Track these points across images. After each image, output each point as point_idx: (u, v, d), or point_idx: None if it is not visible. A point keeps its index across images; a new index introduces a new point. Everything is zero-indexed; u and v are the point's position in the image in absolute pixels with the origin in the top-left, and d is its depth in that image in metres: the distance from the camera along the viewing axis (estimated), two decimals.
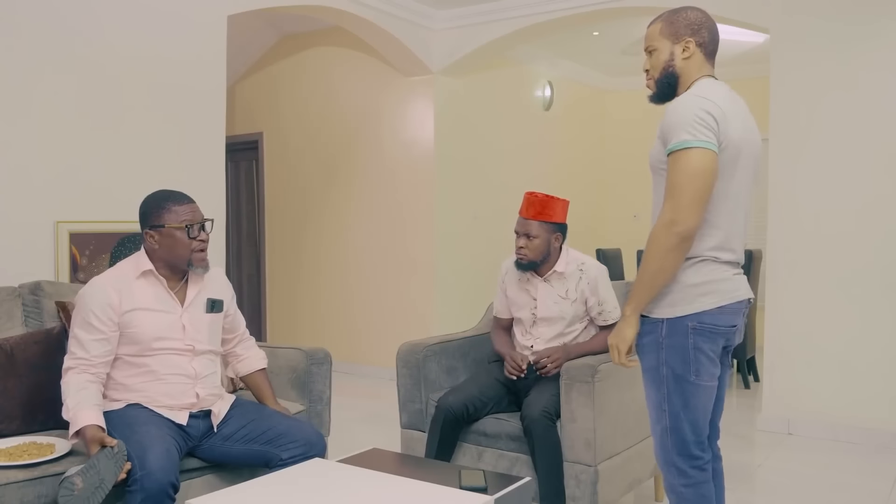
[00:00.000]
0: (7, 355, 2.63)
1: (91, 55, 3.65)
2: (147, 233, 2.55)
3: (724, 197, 2.12)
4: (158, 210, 2.55)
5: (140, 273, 2.55)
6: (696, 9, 2.25)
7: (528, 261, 3.10)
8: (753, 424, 4.75)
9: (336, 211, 6.48)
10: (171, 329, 2.56)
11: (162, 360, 2.53)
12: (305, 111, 6.63)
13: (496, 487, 2.22)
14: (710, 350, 2.14)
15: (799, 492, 3.61)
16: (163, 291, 2.58)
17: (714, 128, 2.05)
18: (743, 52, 6.91)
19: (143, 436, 2.32)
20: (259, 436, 2.55)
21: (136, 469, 2.22)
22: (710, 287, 2.12)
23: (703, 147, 2.03)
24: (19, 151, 3.40)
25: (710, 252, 2.13)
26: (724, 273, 2.16)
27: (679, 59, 2.22)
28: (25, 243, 3.42)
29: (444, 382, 3.32)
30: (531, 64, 7.10)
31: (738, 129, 2.13)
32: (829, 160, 4.45)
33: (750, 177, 2.21)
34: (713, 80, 2.22)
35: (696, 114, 2.05)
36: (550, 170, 7.28)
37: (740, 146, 2.13)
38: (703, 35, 2.22)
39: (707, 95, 2.11)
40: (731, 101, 2.18)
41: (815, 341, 4.51)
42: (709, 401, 2.19)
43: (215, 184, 4.22)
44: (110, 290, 2.49)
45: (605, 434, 2.84)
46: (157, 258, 2.57)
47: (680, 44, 2.21)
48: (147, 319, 2.52)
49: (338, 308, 6.50)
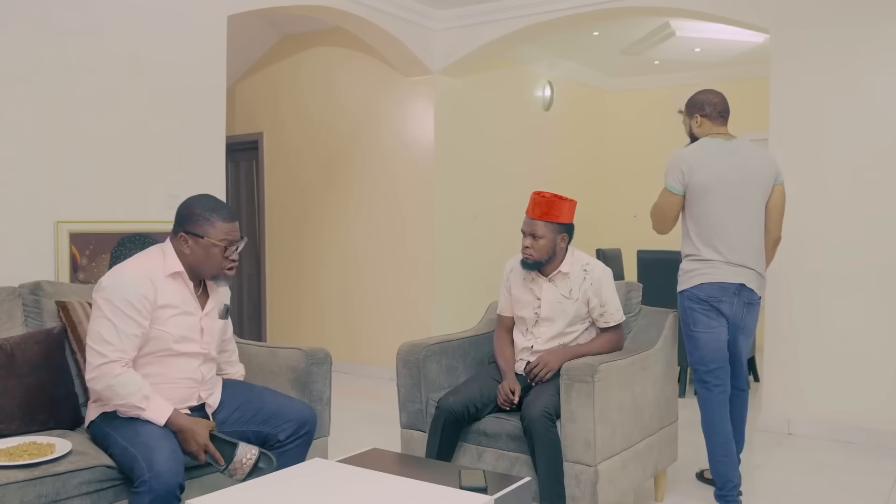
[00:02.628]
0: (7, 355, 2.63)
1: (91, 54, 3.65)
2: (182, 236, 2.52)
3: (697, 217, 3.27)
4: (203, 220, 2.51)
5: (170, 273, 2.51)
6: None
7: (534, 260, 3.11)
8: (753, 424, 4.74)
9: (336, 211, 6.48)
10: (193, 332, 2.56)
11: (177, 362, 2.52)
12: (305, 111, 6.62)
13: (496, 487, 2.23)
14: (700, 309, 3.27)
15: (799, 492, 3.61)
16: (188, 294, 2.56)
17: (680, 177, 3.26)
18: (743, 52, 6.91)
19: (149, 437, 2.32)
20: (253, 416, 2.61)
21: (144, 470, 2.21)
22: (693, 273, 3.30)
23: (667, 187, 3.30)
24: (19, 151, 3.40)
25: (692, 251, 3.32)
26: (705, 265, 3.26)
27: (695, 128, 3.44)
28: (26, 243, 3.41)
29: (444, 382, 3.32)
30: (531, 64, 7.10)
31: (708, 174, 3.22)
32: (829, 161, 4.45)
33: (730, 202, 3.22)
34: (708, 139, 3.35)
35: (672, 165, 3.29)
36: (550, 169, 7.28)
37: (709, 185, 3.20)
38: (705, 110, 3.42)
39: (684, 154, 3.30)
40: (710, 154, 3.26)
41: (815, 341, 4.51)
42: (711, 343, 3.27)
43: (215, 183, 4.22)
44: (147, 282, 2.44)
45: (604, 434, 2.84)
46: (184, 262, 2.54)
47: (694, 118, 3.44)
48: (175, 319, 2.50)
49: (338, 308, 6.50)
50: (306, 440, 2.66)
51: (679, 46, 6.83)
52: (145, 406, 2.38)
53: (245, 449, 2.39)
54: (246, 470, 2.38)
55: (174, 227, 2.56)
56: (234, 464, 2.38)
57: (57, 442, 2.44)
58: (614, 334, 3.19)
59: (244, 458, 2.38)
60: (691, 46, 6.84)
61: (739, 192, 3.23)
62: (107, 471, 2.38)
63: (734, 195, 3.22)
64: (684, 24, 6.14)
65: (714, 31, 6.18)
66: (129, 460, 2.30)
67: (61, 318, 2.92)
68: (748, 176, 3.25)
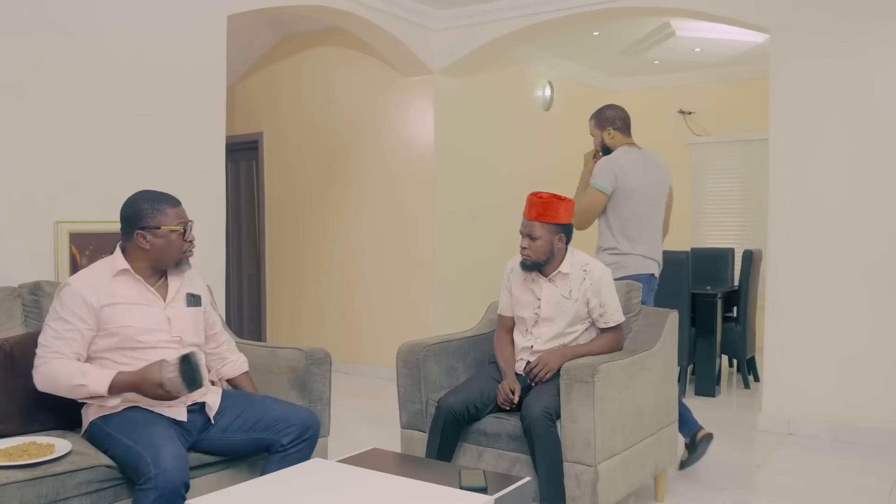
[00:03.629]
0: (7, 355, 2.63)
1: (90, 55, 3.65)
2: (138, 233, 2.57)
3: (622, 216, 3.70)
4: (154, 212, 2.58)
5: (116, 272, 2.57)
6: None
7: (532, 261, 3.11)
8: (754, 424, 4.75)
9: (336, 211, 6.48)
10: (156, 322, 2.58)
11: (151, 354, 2.52)
12: (305, 111, 6.62)
13: (496, 487, 2.23)
14: None
15: (799, 492, 3.61)
16: (143, 288, 2.61)
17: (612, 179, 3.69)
18: (742, 52, 6.91)
19: (154, 435, 2.34)
20: (255, 423, 2.62)
21: (151, 468, 2.23)
22: (615, 266, 3.63)
23: (597, 188, 3.72)
24: (19, 152, 3.40)
25: (612, 245, 3.73)
26: (625, 258, 3.70)
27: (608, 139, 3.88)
28: (25, 243, 3.41)
29: (444, 382, 3.32)
30: (531, 64, 7.10)
31: (635, 178, 3.69)
32: (830, 160, 4.45)
33: (647, 203, 3.75)
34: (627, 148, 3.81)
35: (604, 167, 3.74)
36: (551, 169, 7.28)
37: (635, 188, 3.69)
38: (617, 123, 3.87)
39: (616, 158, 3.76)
40: (633, 161, 3.73)
41: (815, 341, 4.50)
42: None
43: (215, 184, 4.22)
44: (86, 286, 2.51)
45: (605, 434, 2.84)
46: (141, 258, 2.59)
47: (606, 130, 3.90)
48: (129, 312, 2.54)
49: (338, 308, 6.50)
50: (310, 444, 2.66)
51: (679, 46, 6.83)
52: (85, 381, 2.41)
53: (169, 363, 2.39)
54: (179, 378, 2.37)
55: (124, 230, 2.61)
56: (196, 374, 2.40)
57: (56, 442, 2.44)
58: (614, 335, 3.19)
59: (202, 364, 2.43)
60: (691, 46, 6.84)
61: (653, 194, 3.79)
62: (106, 471, 2.38)
63: (650, 197, 3.76)
64: (684, 23, 6.14)
65: (714, 30, 6.18)
66: (133, 458, 2.30)
67: None
68: (658, 182, 3.83)
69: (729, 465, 3.98)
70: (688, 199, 7.99)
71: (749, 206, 7.67)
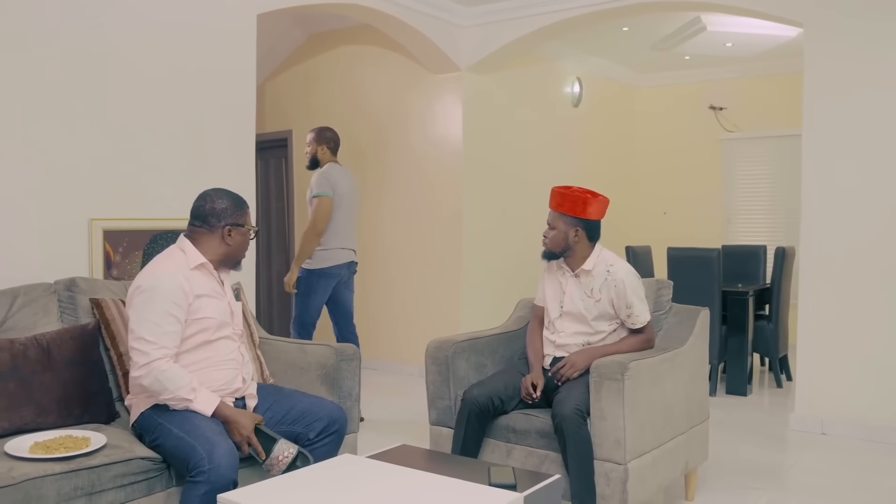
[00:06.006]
0: (43, 350, 2.68)
1: (123, 55, 3.70)
2: (227, 229, 2.66)
3: (335, 218, 4.72)
4: (241, 210, 2.71)
5: (196, 265, 2.62)
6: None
7: (547, 250, 3.17)
8: (786, 424, 4.69)
9: (365, 207, 6.50)
10: (226, 315, 2.68)
11: (221, 346, 2.63)
12: (335, 109, 6.65)
13: (526, 484, 2.22)
14: (323, 283, 4.74)
15: (831, 492, 3.56)
16: (215, 282, 2.68)
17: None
18: (775, 46, 6.82)
19: (207, 430, 2.40)
20: (284, 416, 2.68)
21: (205, 462, 2.29)
22: (324, 257, 4.72)
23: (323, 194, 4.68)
24: (54, 151, 3.45)
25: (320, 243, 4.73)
26: (333, 252, 4.73)
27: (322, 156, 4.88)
28: (61, 240, 3.47)
29: (473, 379, 3.31)
30: (560, 60, 7.06)
31: (343, 188, 4.74)
32: (864, 156, 4.37)
33: (349, 208, 4.81)
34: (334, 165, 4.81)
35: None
36: (579, 166, 7.25)
37: (343, 196, 4.74)
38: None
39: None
40: (340, 175, 4.78)
41: (849, 340, 4.43)
42: (320, 305, 4.79)
43: (245, 181, 4.26)
44: (181, 277, 2.55)
45: (634, 432, 2.82)
46: (215, 252, 2.67)
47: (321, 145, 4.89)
48: (212, 305, 2.62)
49: (367, 304, 6.52)
50: (336, 438, 2.70)
51: (710, 41, 6.75)
52: (193, 398, 2.47)
53: (285, 445, 2.46)
54: (283, 466, 2.44)
55: (207, 223, 2.65)
56: (272, 459, 2.44)
57: (92, 435, 2.48)
58: (644, 335, 3.17)
59: (282, 455, 2.44)
60: (722, 41, 6.76)
61: (352, 201, 4.84)
62: (140, 463, 2.42)
63: (350, 203, 4.82)
64: (715, 18, 6.07)
65: (746, 25, 6.10)
66: (185, 450, 2.36)
67: (95, 314, 2.97)
68: (354, 193, 4.88)
69: (760, 465, 3.94)
70: (719, 195, 7.91)
71: (781, 203, 7.57)
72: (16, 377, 2.58)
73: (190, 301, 2.55)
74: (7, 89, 3.30)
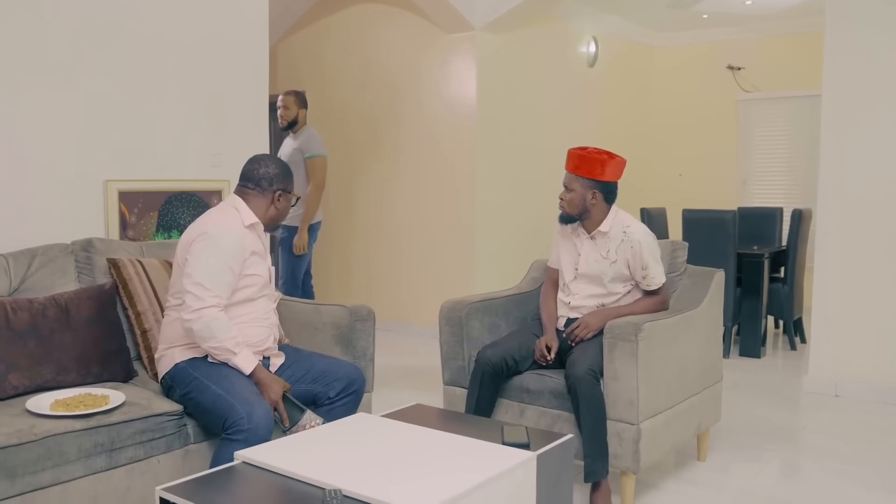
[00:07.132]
0: (62, 310, 2.71)
1: (136, 18, 3.67)
2: (279, 193, 2.75)
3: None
4: (289, 178, 2.81)
5: (249, 224, 2.69)
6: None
7: (565, 213, 3.14)
8: (800, 386, 4.69)
9: (379, 169, 6.49)
10: (269, 274, 2.76)
11: (261, 304, 2.71)
12: (348, 69, 6.61)
13: (539, 444, 2.24)
14: (315, 236, 5.13)
15: (845, 453, 3.57)
16: (261, 243, 2.75)
17: None
18: (795, 4, 6.68)
19: (246, 391, 2.44)
20: (303, 376, 2.73)
21: (244, 422, 2.34)
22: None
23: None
24: (70, 115, 3.45)
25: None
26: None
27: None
28: (77, 202, 3.49)
29: (487, 340, 3.33)
30: (575, 19, 6.96)
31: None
32: (885, 119, 4.30)
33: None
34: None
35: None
36: (594, 127, 7.18)
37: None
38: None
39: None
40: None
41: (864, 303, 4.41)
42: None
43: (259, 142, 4.25)
44: (242, 231, 2.64)
45: (647, 393, 2.83)
46: (263, 214, 2.74)
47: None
48: (261, 264, 2.71)
49: (381, 266, 6.55)
50: (355, 398, 2.74)
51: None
52: (238, 352, 2.52)
53: (311, 416, 2.51)
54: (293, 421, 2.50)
55: (262, 185, 2.73)
56: (297, 427, 2.48)
57: (111, 393, 2.52)
58: (659, 296, 3.16)
59: (308, 424, 2.48)
60: None
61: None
62: (158, 420, 2.46)
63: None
64: None
65: None
66: (223, 408, 2.40)
67: (112, 274, 2.99)
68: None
69: (774, 426, 3.96)
70: (735, 156, 7.82)
71: (798, 165, 7.48)
72: (35, 336, 2.62)
73: (246, 257, 2.62)
74: (23, 51, 3.29)
